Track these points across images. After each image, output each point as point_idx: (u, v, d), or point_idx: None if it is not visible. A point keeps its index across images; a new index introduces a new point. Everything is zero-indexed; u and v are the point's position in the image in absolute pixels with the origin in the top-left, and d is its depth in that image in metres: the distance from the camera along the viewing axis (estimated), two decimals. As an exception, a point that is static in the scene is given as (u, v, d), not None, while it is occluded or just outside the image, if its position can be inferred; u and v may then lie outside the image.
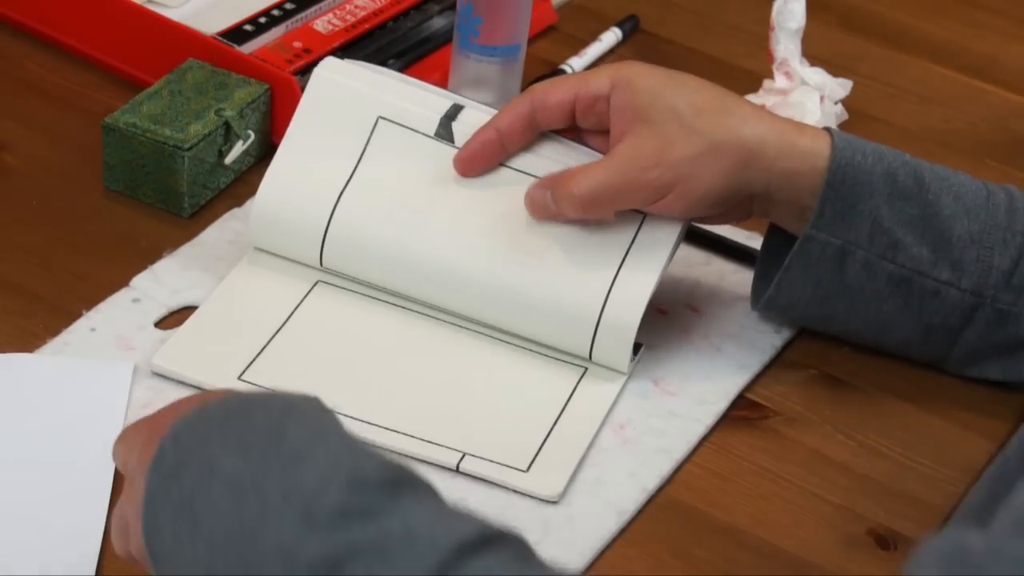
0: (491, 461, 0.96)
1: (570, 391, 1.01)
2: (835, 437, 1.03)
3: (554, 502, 0.95)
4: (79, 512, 0.91)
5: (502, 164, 1.04)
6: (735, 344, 1.07)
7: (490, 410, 1.00)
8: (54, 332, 1.02)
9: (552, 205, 1.01)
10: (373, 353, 1.02)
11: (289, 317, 1.03)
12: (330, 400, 0.98)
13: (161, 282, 1.06)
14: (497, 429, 0.98)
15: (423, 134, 1.05)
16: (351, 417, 0.97)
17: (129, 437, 0.82)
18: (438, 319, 1.04)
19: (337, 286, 1.05)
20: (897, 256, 1.01)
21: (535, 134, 1.04)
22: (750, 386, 1.05)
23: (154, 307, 1.04)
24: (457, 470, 0.95)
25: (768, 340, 1.08)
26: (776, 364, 1.07)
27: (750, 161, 1.00)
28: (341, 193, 1.04)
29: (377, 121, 1.06)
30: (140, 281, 1.06)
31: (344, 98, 1.06)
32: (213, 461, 0.74)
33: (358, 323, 1.04)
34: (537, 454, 0.97)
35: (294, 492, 0.72)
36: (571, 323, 1.01)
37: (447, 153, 1.04)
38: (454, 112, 1.05)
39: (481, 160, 1.04)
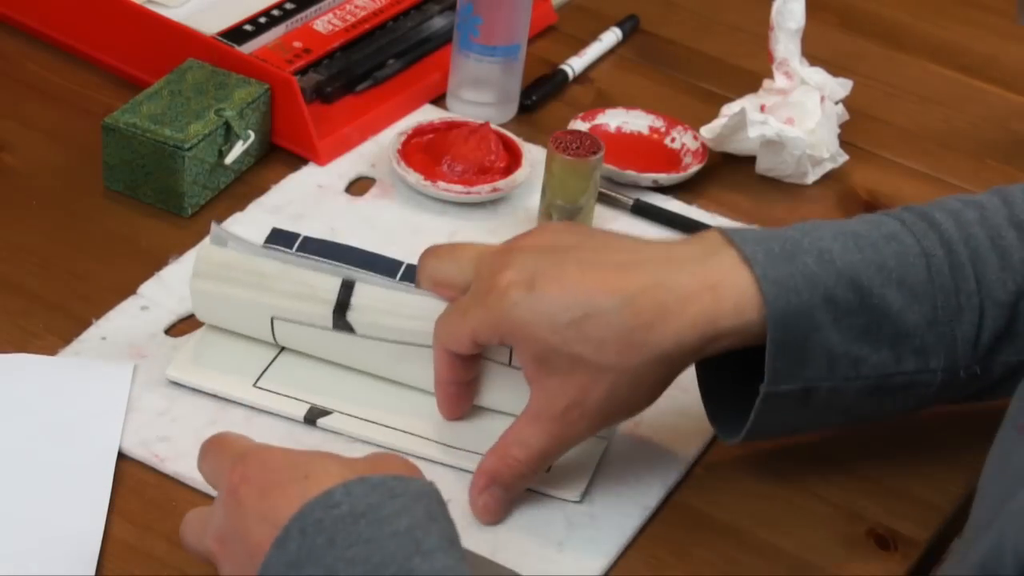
0: None
1: None
2: (835, 437, 1.03)
3: (576, 501, 0.95)
4: (79, 512, 0.91)
5: (399, 342, 0.98)
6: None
7: (507, 414, 0.99)
8: (54, 332, 1.02)
9: (503, 495, 0.94)
10: (384, 361, 1.02)
11: None
12: (345, 405, 0.97)
13: (169, 289, 1.06)
14: None
15: (320, 327, 0.99)
16: (370, 422, 0.98)
17: (244, 458, 0.83)
18: None
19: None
20: (860, 371, 0.95)
21: (477, 359, 0.97)
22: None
23: (163, 314, 1.04)
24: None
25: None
26: (776, 364, 1.07)
27: (673, 364, 0.92)
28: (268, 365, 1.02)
29: (272, 321, 1.00)
30: (148, 288, 1.06)
31: (231, 307, 1.00)
32: (336, 570, 0.77)
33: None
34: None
35: None
36: None
37: (350, 344, 0.99)
38: (346, 296, 0.98)
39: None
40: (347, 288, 0.98)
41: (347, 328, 0.98)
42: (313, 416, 0.98)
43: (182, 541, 0.85)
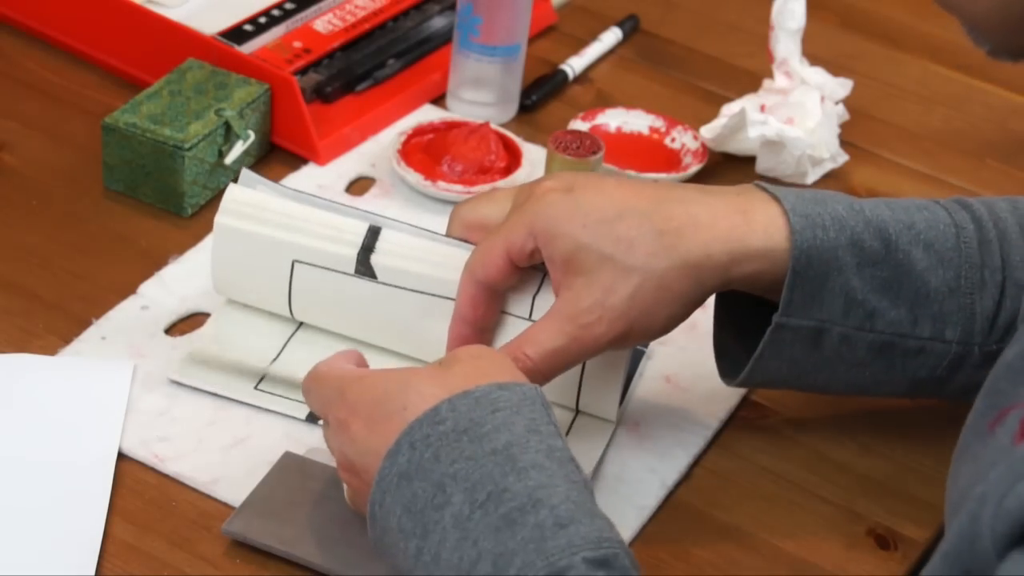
0: None
1: (575, 394, 1.01)
2: (835, 437, 1.03)
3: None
4: (79, 512, 0.91)
5: (422, 292, 0.98)
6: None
7: None
8: (54, 332, 1.02)
9: None
10: (387, 358, 1.02)
11: (301, 324, 1.03)
12: None
13: (169, 289, 1.06)
14: None
15: (342, 273, 0.99)
16: None
17: (356, 382, 0.88)
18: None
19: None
20: (875, 324, 0.95)
21: (500, 302, 0.97)
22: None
23: (163, 314, 1.04)
24: None
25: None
26: (776, 364, 1.07)
27: (700, 276, 0.92)
28: (281, 350, 1.02)
29: (293, 265, 0.99)
30: (148, 288, 1.06)
31: (253, 246, 0.99)
32: (444, 485, 0.82)
33: (367, 332, 1.03)
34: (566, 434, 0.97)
35: (502, 563, 0.79)
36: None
37: (370, 291, 0.99)
38: (371, 241, 0.98)
39: None
40: (373, 233, 0.98)
41: (369, 273, 0.98)
42: (314, 417, 0.98)
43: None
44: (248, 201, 1.00)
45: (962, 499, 0.76)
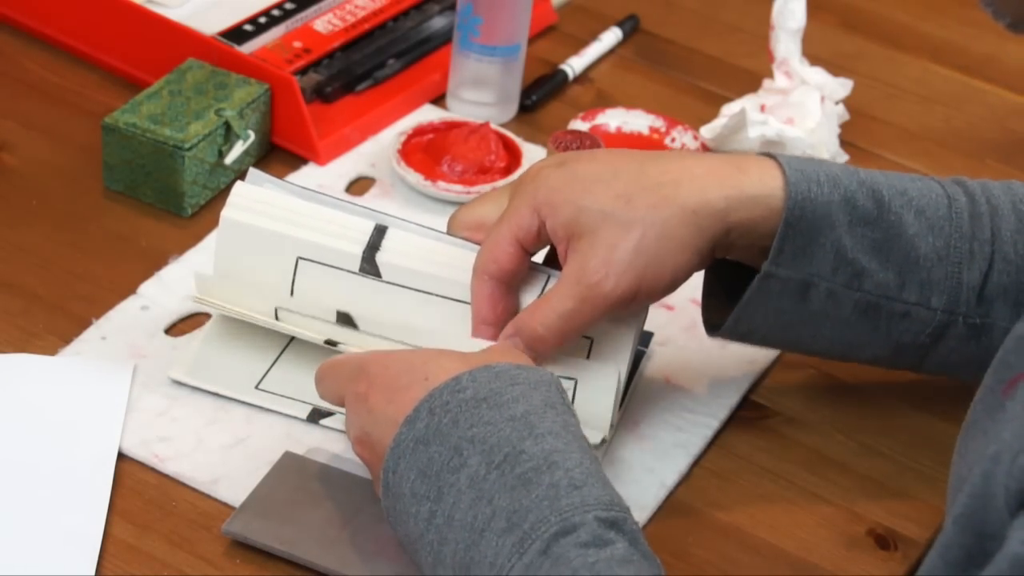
0: None
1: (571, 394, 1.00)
2: (835, 437, 1.03)
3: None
4: (79, 512, 0.91)
5: (427, 292, 0.98)
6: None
7: None
8: (54, 332, 1.02)
9: (526, 353, 0.94)
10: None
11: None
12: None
13: (169, 289, 1.06)
14: None
15: (346, 271, 0.99)
16: None
17: (375, 363, 0.90)
18: (449, 316, 1.03)
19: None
20: (863, 284, 0.96)
21: (516, 297, 0.97)
22: (759, 381, 1.05)
23: (163, 314, 1.04)
24: None
25: (771, 338, 1.08)
26: (776, 364, 1.07)
27: (700, 225, 0.93)
28: (283, 350, 1.02)
29: (297, 263, 0.99)
30: (148, 288, 1.06)
31: (259, 242, 0.99)
32: (461, 448, 0.84)
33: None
34: None
35: (518, 521, 0.81)
36: None
37: (373, 290, 0.98)
38: (378, 239, 0.98)
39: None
40: (380, 231, 0.99)
41: (374, 272, 0.98)
42: (315, 417, 0.98)
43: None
44: (255, 197, 1.00)
45: (972, 468, 0.76)
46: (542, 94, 1.29)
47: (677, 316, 1.09)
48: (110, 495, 0.92)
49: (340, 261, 0.99)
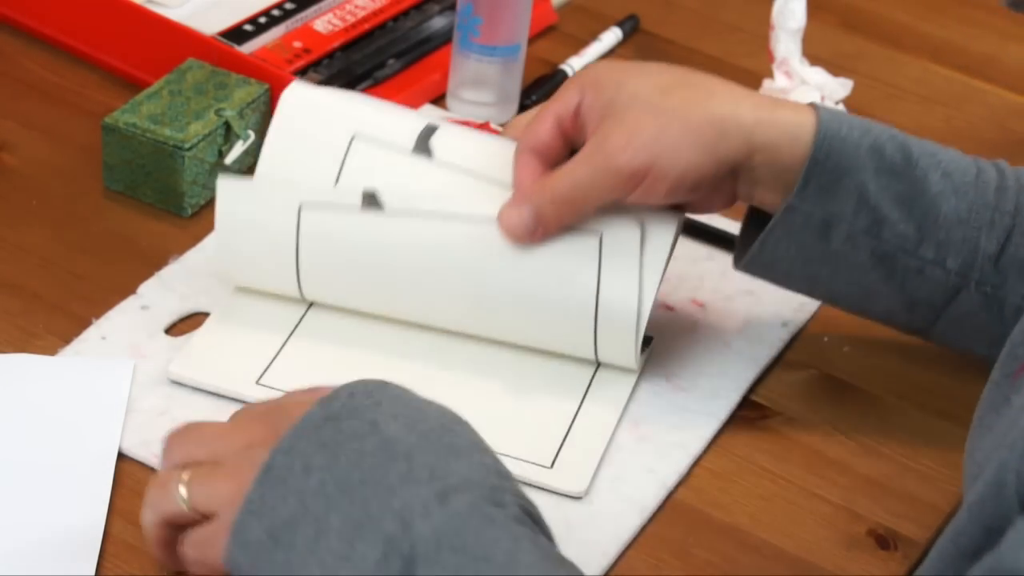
0: (515, 458, 0.96)
1: (585, 386, 1.01)
2: (835, 437, 1.03)
3: (579, 498, 0.95)
4: (79, 512, 0.91)
5: (476, 175, 1.01)
6: (743, 338, 1.08)
7: (507, 408, 1.00)
8: (54, 332, 1.02)
9: (529, 221, 0.97)
10: (389, 353, 1.02)
11: (302, 319, 1.03)
12: None
13: (169, 289, 1.06)
14: (516, 427, 0.98)
15: (400, 150, 1.01)
16: None
17: (239, 422, 0.85)
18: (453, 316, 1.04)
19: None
20: (882, 232, 0.99)
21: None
22: (759, 380, 1.05)
23: (163, 314, 1.04)
24: None
25: (775, 334, 1.08)
26: (776, 364, 1.07)
27: (725, 132, 0.96)
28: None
29: (352, 141, 1.01)
30: (148, 288, 1.06)
31: (315, 118, 1.02)
32: (379, 422, 0.80)
33: (372, 322, 1.03)
34: (559, 450, 0.97)
35: (441, 475, 0.78)
36: (569, 324, 1.00)
37: (426, 173, 1.01)
38: (428, 132, 1.02)
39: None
40: (430, 129, 1.02)
41: (426, 151, 1.00)
42: None
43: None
44: (313, 89, 1.05)
45: (988, 456, 0.76)
46: (542, 94, 1.29)
47: (677, 316, 1.09)
48: (110, 495, 0.92)
49: (395, 136, 1.01)
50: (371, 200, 0.99)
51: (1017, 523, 0.71)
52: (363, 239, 0.99)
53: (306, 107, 1.03)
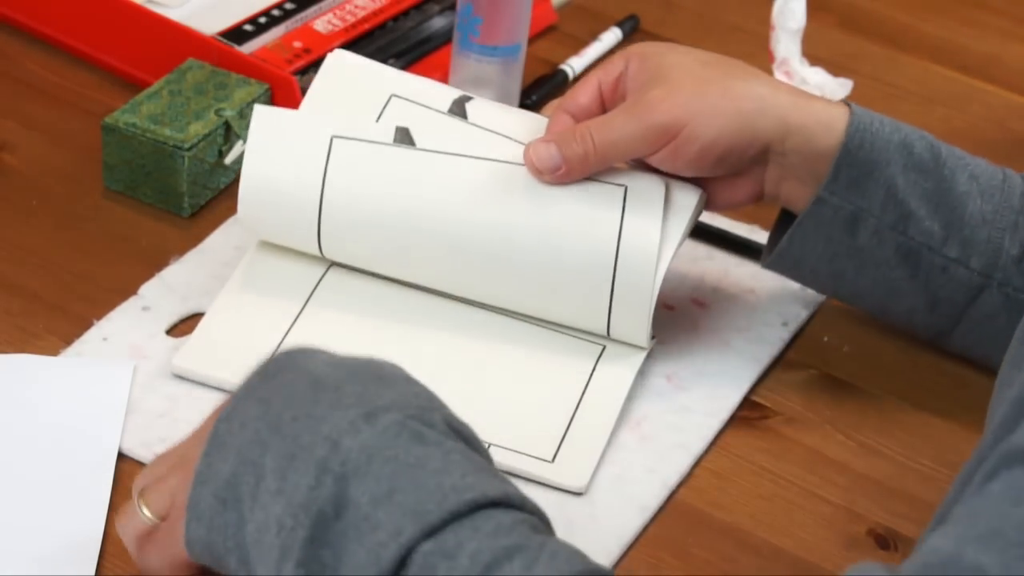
0: (517, 452, 0.96)
1: (587, 378, 1.01)
2: (835, 437, 1.03)
3: (580, 493, 0.95)
4: (79, 512, 0.91)
5: (511, 138, 1.03)
6: (743, 338, 1.08)
7: (510, 399, 1.00)
8: (55, 333, 1.02)
9: (557, 158, 0.99)
10: (388, 343, 1.02)
11: (302, 310, 1.03)
12: None
13: (170, 289, 1.06)
14: (518, 419, 0.98)
15: (435, 110, 1.04)
16: None
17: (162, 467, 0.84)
18: (453, 301, 1.04)
19: (349, 268, 1.05)
20: (908, 228, 1.00)
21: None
22: (759, 380, 1.05)
23: (164, 315, 1.04)
24: None
25: (776, 333, 1.08)
26: (776, 364, 1.07)
27: (763, 110, 0.98)
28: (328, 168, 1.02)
29: (390, 98, 1.05)
30: (148, 289, 1.06)
31: (357, 76, 1.06)
32: (311, 368, 0.80)
33: (371, 313, 1.04)
34: (560, 444, 0.97)
35: (369, 400, 0.77)
36: (584, 291, 1.00)
37: (459, 127, 1.04)
38: (464, 99, 1.05)
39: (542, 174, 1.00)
40: (466, 96, 1.05)
41: (461, 114, 1.03)
42: None
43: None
44: (357, 57, 1.08)
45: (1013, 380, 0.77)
46: (542, 94, 1.29)
47: (678, 316, 1.09)
48: (110, 496, 0.92)
49: (430, 101, 1.04)
50: (404, 135, 1.01)
51: None
52: (390, 172, 1.01)
53: (348, 67, 1.07)
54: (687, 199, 1.01)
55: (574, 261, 0.99)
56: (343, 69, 1.07)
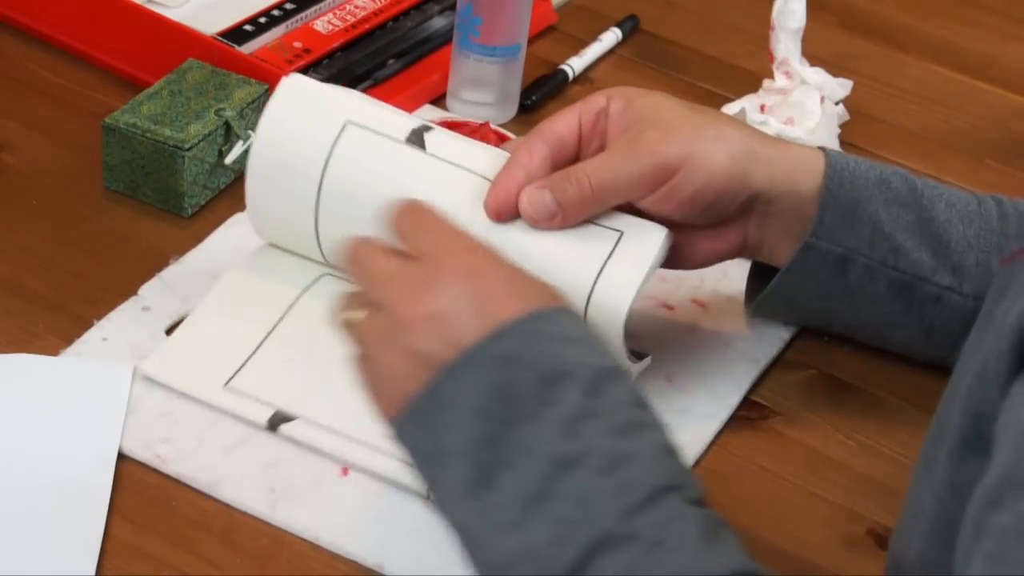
0: None
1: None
2: (835, 437, 1.03)
3: None
4: (79, 512, 0.91)
5: (465, 169, 0.98)
6: (743, 338, 1.08)
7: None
8: (55, 333, 1.02)
9: (552, 205, 0.95)
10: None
11: (276, 325, 1.02)
12: (310, 412, 0.96)
13: (170, 290, 1.06)
14: None
15: (393, 139, 0.99)
16: (332, 431, 0.95)
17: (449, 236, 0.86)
18: None
19: (326, 290, 1.04)
20: (899, 262, 1.00)
21: (552, 167, 0.97)
22: (759, 380, 1.05)
23: (164, 315, 1.04)
24: (428, 497, 0.91)
25: (776, 333, 1.08)
26: (776, 364, 1.07)
27: (753, 155, 0.98)
28: (315, 211, 1.01)
29: (345, 125, 1.00)
30: (149, 289, 1.06)
31: (311, 101, 1.01)
32: (554, 382, 0.79)
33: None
34: None
35: (617, 463, 0.78)
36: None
37: (418, 159, 0.99)
38: (423, 128, 1.00)
39: (513, 202, 0.96)
40: (425, 126, 1.00)
41: (419, 144, 0.98)
42: (275, 423, 0.96)
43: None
44: (311, 80, 1.03)
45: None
46: (542, 94, 1.29)
47: (678, 316, 1.09)
48: (110, 495, 0.92)
49: (388, 129, 0.99)
50: (416, 136, 0.99)
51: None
52: (390, 171, 0.98)
53: (301, 92, 1.01)
54: (653, 238, 0.97)
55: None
56: (295, 94, 1.01)
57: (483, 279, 0.83)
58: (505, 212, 0.96)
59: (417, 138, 0.99)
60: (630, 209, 0.98)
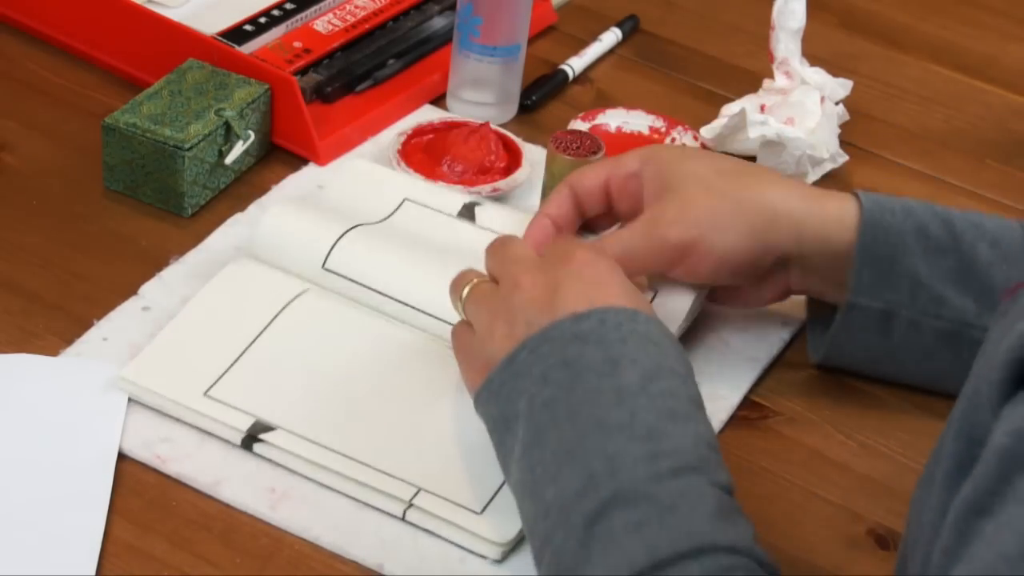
0: (445, 499, 0.92)
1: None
2: (835, 437, 1.03)
3: (500, 551, 0.91)
4: (79, 512, 0.91)
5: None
6: (743, 338, 1.08)
7: (449, 447, 0.96)
8: (55, 333, 1.02)
9: None
10: (341, 378, 0.99)
11: (260, 334, 1.01)
12: (288, 422, 0.95)
13: (170, 290, 1.06)
14: (454, 467, 0.94)
15: (445, 214, 1.10)
16: (309, 440, 0.95)
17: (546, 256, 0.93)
18: (413, 345, 1.02)
19: (311, 303, 1.04)
20: (942, 311, 1.00)
21: (581, 219, 1.05)
22: (759, 380, 1.05)
23: (164, 315, 1.04)
24: (410, 504, 0.92)
25: (776, 333, 1.08)
26: (776, 364, 1.07)
27: (775, 220, 0.99)
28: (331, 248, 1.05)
29: (403, 201, 1.11)
30: (149, 289, 1.06)
31: (370, 179, 1.13)
32: (620, 363, 0.86)
33: (329, 345, 1.01)
34: (493, 497, 0.93)
35: (656, 437, 0.83)
36: None
37: (467, 230, 1.08)
38: (473, 204, 1.10)
39: (542, 247, 1.00)
40: (474, 202, 1.11)
41: (470, 217, 1.10)
42: (250, 441, 0.95)
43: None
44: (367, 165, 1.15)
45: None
46: (542, 94, 1.29)
47: (677, 316, 1.09)
48: (110, 495, 0.92)
49: (441, 205, 1.10)
50: (467, 211, 1.10)
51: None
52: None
53: (362, 172, 1.14)
54: (681, 305, 1.04)
55: None
56: (357, 174, 1.13)
57: (602, 275, 0.91)
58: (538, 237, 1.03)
59: (468, 212, 1.11)
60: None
